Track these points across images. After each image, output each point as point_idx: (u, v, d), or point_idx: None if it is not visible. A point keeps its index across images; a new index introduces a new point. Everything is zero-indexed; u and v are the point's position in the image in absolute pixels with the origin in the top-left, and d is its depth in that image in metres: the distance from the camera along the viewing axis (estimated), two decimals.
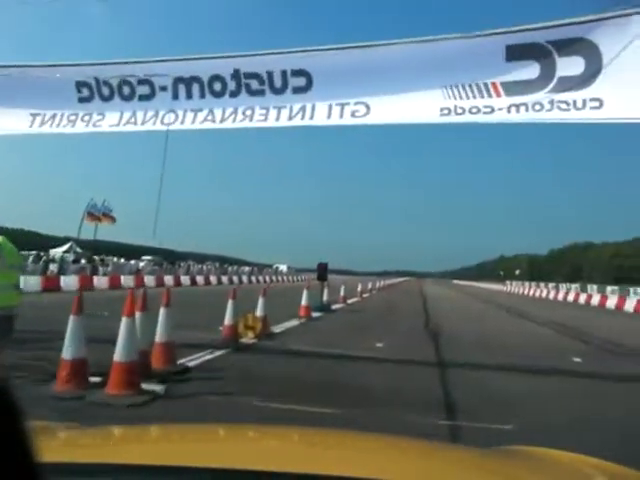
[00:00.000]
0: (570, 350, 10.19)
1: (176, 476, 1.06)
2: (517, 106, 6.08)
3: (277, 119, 6.92)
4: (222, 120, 7.19)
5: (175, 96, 7.47)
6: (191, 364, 7.14)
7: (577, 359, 9.05)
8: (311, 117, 6.77)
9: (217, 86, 7.28)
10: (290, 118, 6.87)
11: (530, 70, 6.09)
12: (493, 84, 6.20)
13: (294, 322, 13.44)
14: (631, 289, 41.86)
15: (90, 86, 7.76)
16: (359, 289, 27.93)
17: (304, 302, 14.87)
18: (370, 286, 34.15)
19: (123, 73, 7.55)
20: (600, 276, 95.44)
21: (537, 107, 6.00)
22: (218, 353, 8.15)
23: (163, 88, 7.47)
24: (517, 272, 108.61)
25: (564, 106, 5.90)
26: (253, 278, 52.84)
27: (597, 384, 7.19)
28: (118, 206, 44.10)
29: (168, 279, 35.09)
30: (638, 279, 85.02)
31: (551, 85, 6.00)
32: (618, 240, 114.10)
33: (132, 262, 48.82)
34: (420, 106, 6.40)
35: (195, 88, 7.37)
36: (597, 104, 5.82)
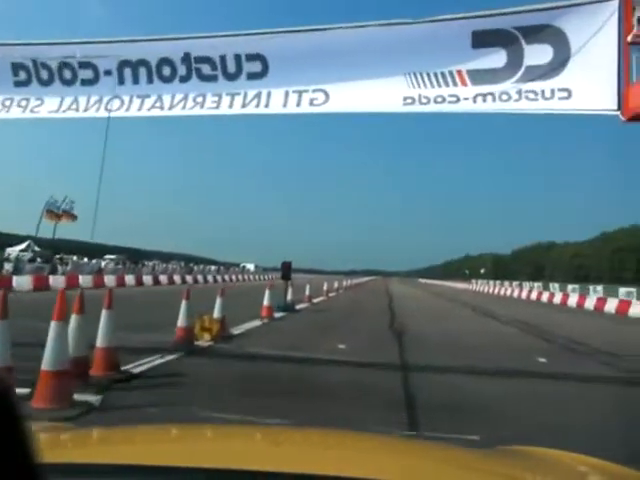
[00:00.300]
0: (535, 350, 10.03)
1: (175, 476, 1.05)
2: (484, 95, 5.78)
3: (230, 106, 6.45)
4: (171, 107, 6.67)
5: (121, 81, 6.91)
6: (137, 370, 6.61)
7: (542, 359, 8.87)
8: (266, 105, 6.32)
9: (166, 71, 6.76)
10: (244, 105, 6.41)
11: (497, 58, 5.79)
12: (459, 72, 5.88)
13: (255, 323, 12.96)
14: (591, 287, 42.91)
15: (27, 69, 7.13)
16: (325, 288, 27.59)
17: (266, 302, 14.40)
18: (336, 285, 33.86)
19: (64, 54, 6.94)
20: (561, 275, 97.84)
21: (504, 97, 5.71)
22: (169, 357, 7.63)
23: (107, 72, 6.90)
24: (482, 271, 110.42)
25: (532, 96, 5.62)
26: (219, 277, 51.95)
27: (563, 386, 6.97)
28: (81, 203, 42.46)
29: (130, 279, 34.13)
30: (597, 278, 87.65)
31: (519, 74, 5.72)
32: (579, 240, 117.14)
33: (93, 261, 47.40)
34: (382, 94, 6.03)
35: (142, 72, 6.83)
36: (566, 94, 5.56)
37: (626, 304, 23.96)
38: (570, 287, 42.64)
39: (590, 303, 27.15)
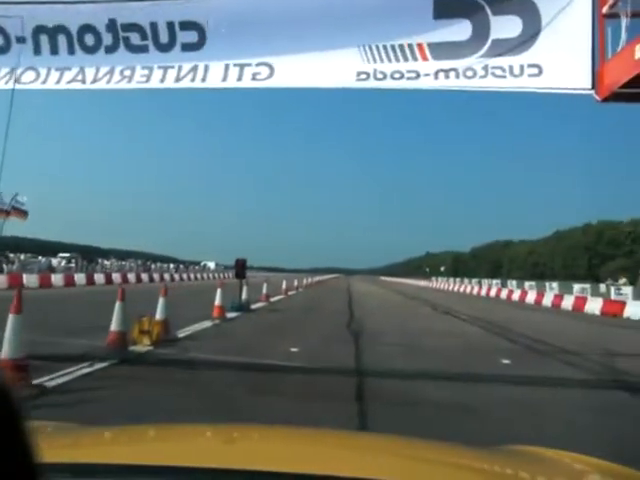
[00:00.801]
0: (498, 350, 9.58)
1: (176, 476, 1.05)
2: (446, 71, 5.17)
3: (162, 80, 5.65)
4: (94, 80, 5.82)
5: (37, 50, 6.01)
6: (53, 383, 5.73)
7: (506, 361, 8.40)
8: (203, 79, 5.56)
9: (89, 40, 5.90)
10: (178, 80, 5.62)
11: (461, 30, 5.19)
12: (419, 45, 5.26)
13: (205, 324, 12.12)
14: (547, 284, 43.71)
15: None
16: (284, 287, 26.85)
17: (217, 302, 13.58)
18: (296, 283, 33.15)
19: None
20: (518, 272, 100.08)
21: (469, 73, 5.12)
22: (99, 365, 6.78)
23: (20, 40, 5.99)
24: (442, 269, 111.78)
25: (499, 72, 5.05)
26: (177, 276, 50.42)
27: (527, 390, 6.48)
28: (34, 200, 40.41)
29: (80, 278, 32.58)
30: (551, 275, 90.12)
31: (485, 48, 5.14)
32: (534, 239, 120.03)
33: (43, 259, 45.24)
34: (333, 68, 5.35)
35: (62, 41, 5.95)
36: (536, 71, 5.01)
37: (581, 301, 24.16)
38: (527, 284, 43.31)
39: (548, 300, 27.34)
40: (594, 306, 22.44)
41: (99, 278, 34.52)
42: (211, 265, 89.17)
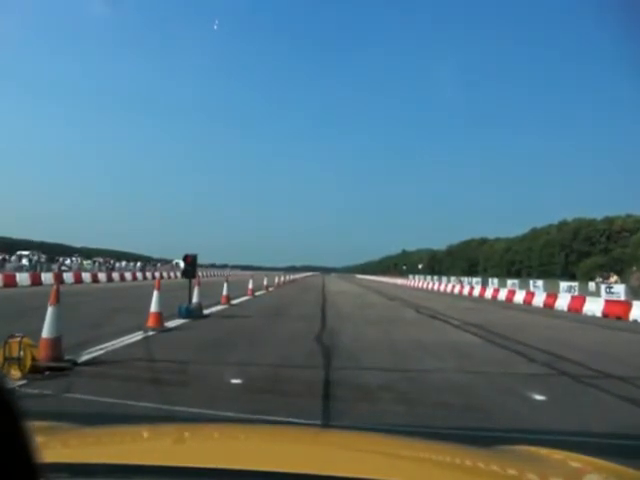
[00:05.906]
0: (520, 377, 7.01)
1: (176, 476, 1.04)
2: None
3: None
4: None
5: None
6: None
7: (539, 397, 5.82)
8: None
9: None
10: None
11: None
12: None
13: (134, 337, 9.37)
14: (531, 282, 41.76)
15: None
16: (250, 286, 24.08)
17: (154, 307, 10.80)
18: (266, 282, 30.33)
19: None
20: (494, 270, 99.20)
21: None
22: None
23: None
24: (420, 266, 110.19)
25: None
26: (139, 274, 46.94)
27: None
28: None
29: (23, 277, 29.30)
30: (528, 273, 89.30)
31: None
32: (510, 236, 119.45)
33: None
34: None
35: None
36: None
37: (579, 301, 21.93)
38: (510, 282, 41.23)
39: (539, 300, 25.10)
40: (594, 307, 20.18)
41: (47, 278, 31.22)
42: (182, 263, 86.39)
